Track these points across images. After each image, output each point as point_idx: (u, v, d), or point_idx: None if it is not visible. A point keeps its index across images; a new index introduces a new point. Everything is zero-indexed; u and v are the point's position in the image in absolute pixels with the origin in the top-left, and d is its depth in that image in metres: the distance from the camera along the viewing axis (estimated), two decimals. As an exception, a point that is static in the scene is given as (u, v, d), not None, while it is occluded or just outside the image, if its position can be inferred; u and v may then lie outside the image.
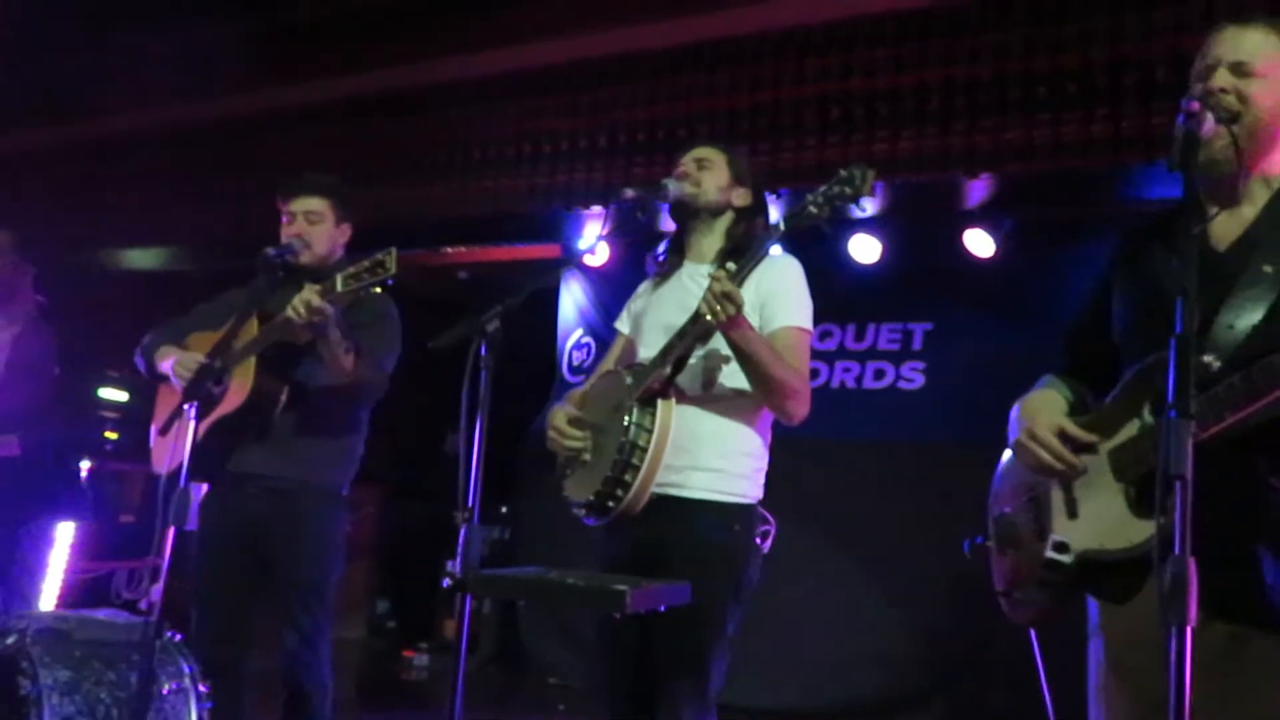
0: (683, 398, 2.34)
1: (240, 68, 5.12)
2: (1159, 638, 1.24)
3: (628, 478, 2.26)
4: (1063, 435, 1.71)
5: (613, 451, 2.28)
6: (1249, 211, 1.68)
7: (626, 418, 2.28)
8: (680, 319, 2.32)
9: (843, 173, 2.17)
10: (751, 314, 2.28)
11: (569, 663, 5.22)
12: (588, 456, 2.39)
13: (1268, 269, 1.59)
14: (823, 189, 2.17)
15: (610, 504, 2.29)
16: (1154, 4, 3.60)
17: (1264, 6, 1.82)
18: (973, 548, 1.98)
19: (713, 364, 2.35)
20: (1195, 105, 1.55)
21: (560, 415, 2.47)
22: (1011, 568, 1.87)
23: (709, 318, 2.15)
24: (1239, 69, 1.65)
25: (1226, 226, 1.69)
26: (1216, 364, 1.54)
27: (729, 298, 2.12)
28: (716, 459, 2.34)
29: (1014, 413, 1.82)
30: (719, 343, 2.30)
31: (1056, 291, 4.37)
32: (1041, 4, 3.84)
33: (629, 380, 2.36)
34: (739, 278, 2.16)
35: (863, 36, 4.16)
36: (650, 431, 2.26)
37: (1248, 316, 1.57)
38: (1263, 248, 1.63)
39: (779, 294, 2.38)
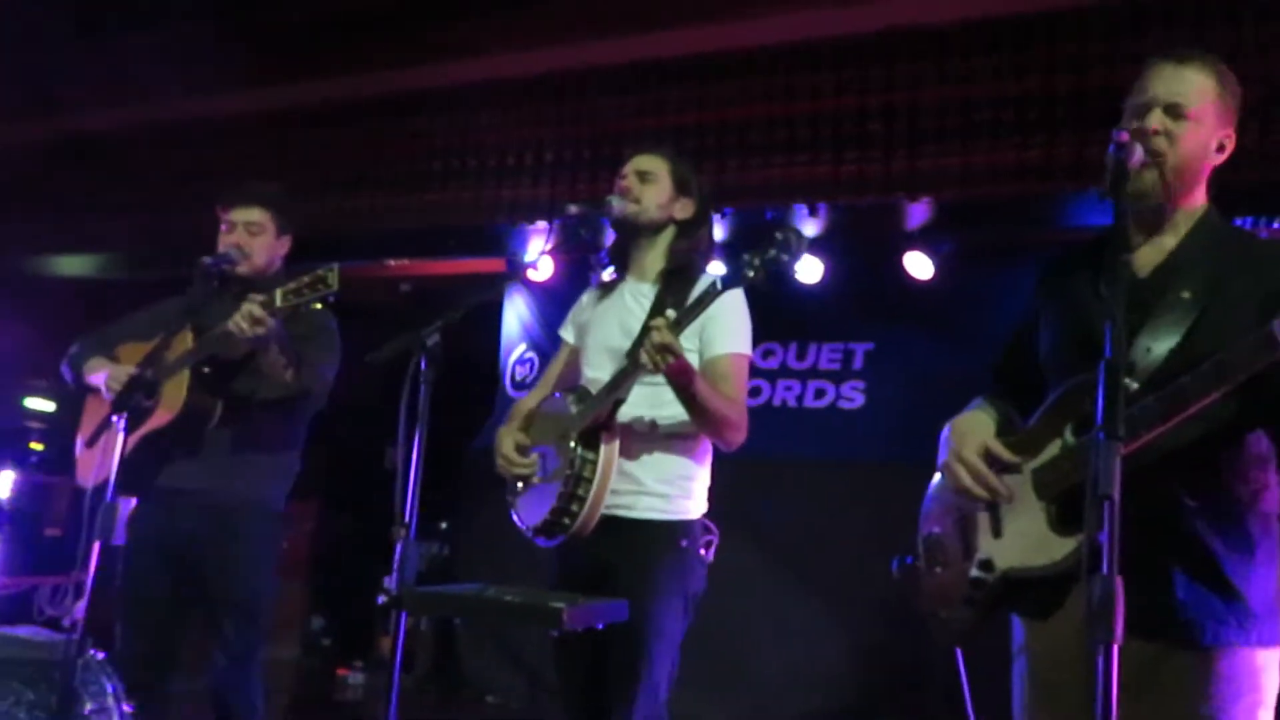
0: (626, 430, 2.41)
1: (179, 74, 5.03)
2: (1085, 656, 1.26)
3: (574, 507, 2.34)
4: (989, 455, 1.76)
5: (560, 480, 2.36)
6: (1170, 240, 1.75)
7: (573, 448, 2.35)
8: (622, 341, 2.41)
9: (777, 236, 2.21)
10: (692, 337, 2.34)
11: (507, 681, 5.18)
12: (536, 480, 2.46)
13: (1186, 295, 1.65)
14: (758, 253, 2.21)
15: (558, 530, 2.37)
16: (1088, 37, 3.71)
17: (1188, 42, 1.87)
18: (901, 567, 2.02)
19: (654, 396, 2.41)
20: (1125, 136, 1.60)
21: (508, 441, 2.52)
22: (939, 587, 1.90)
23: (648, 365, 2.20)
24: (1173, 110, 1.70)
25: (1149, 254, 1.75)
26: (1134, 386, 1.59)
27: (668, 349, 2.16)
28: (660, 485, 2.42)
29: (944, 434, 1.87)
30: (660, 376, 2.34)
31: (993, 314, 4.44)
32: (979, 35, 3.92)
33: (574, 409, 2.42)
34: (678, 328, 2.20)
35: (807, 60, 4.22)
36: (595, 463, 2.34)
37: (1165, 341, 1.63)
38: (1182, 274, 1.69)
39: (718, 321, 2.41)
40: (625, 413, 2.40)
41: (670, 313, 2.25)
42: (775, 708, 4.54)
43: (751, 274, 2.21)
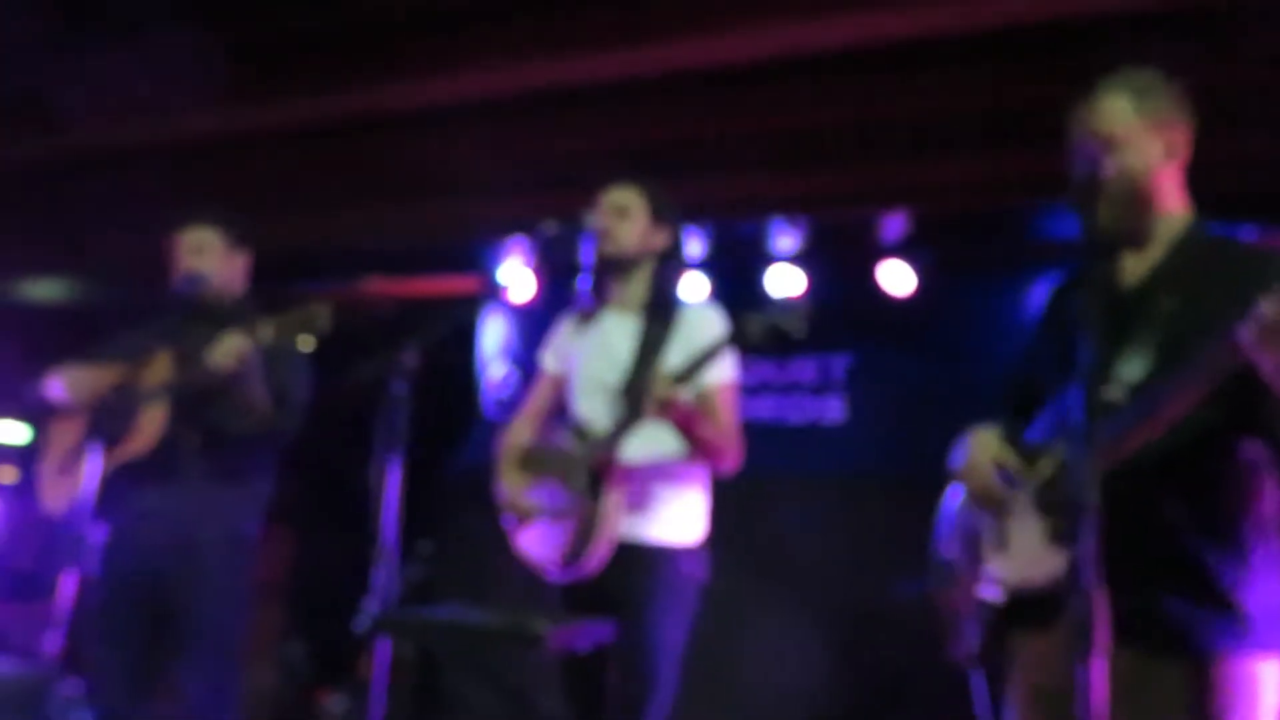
0: (629, 468, 2.46)
1: (154, 93, 4.99)
2: (1070, 667, 1.26)
3: (585, 550, 2.39)
4: (996, 468, 1.79)
5: (568, 521, 2.42)
6: (1155, 252, 1.77)
7: (580, 493, 2.41)
8: (609, 374, 2.50)
9: (780, 310, 2.36)
10: (679, 363, 2.40)
11: (489, 703, 5.13)
12: (544, 517, 2.51)
13: (1168, 306, 1.67)
14: (759, 317, 2.32)
15: (569, 568, 2.43)
16: (1061, 51, 3.74)
17: (1162, 55, 1.90)
18: (911, 591, 2.05)
19: (652, 431, 2.46)
20: (1080, 142, 1.63)
21: (510, 475, 2.58)
22: (951, 608, 1.91)
23: (652, 417, 2.29)
24: (1105, 142, 1.75)
25: (1135, 266, 1.78)
26: (1119, 397, 1.60)
27: (670, 404, 2.27)
28: (662, 513, 2.49)
29: (958, 446, 1.88)
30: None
31: (973, 325, 4.48)
32: (952, 49, 3.95)
33: (577, 450, 2.46)
34: (680, 384, 2.28)
35: (781, 75, 4.23)
36: (603, 508, 2.40)
37: (1147, 352, 1.64)
38: (1165, 286, 1.71)
39: (705, 350, 2.43)
40: (626, 452, 2.45)
41: (673, 365, 2.34)
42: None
43: (752, 336, 2.32)
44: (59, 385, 2.76)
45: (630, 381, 2.43)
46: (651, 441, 2.47)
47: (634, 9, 4.15)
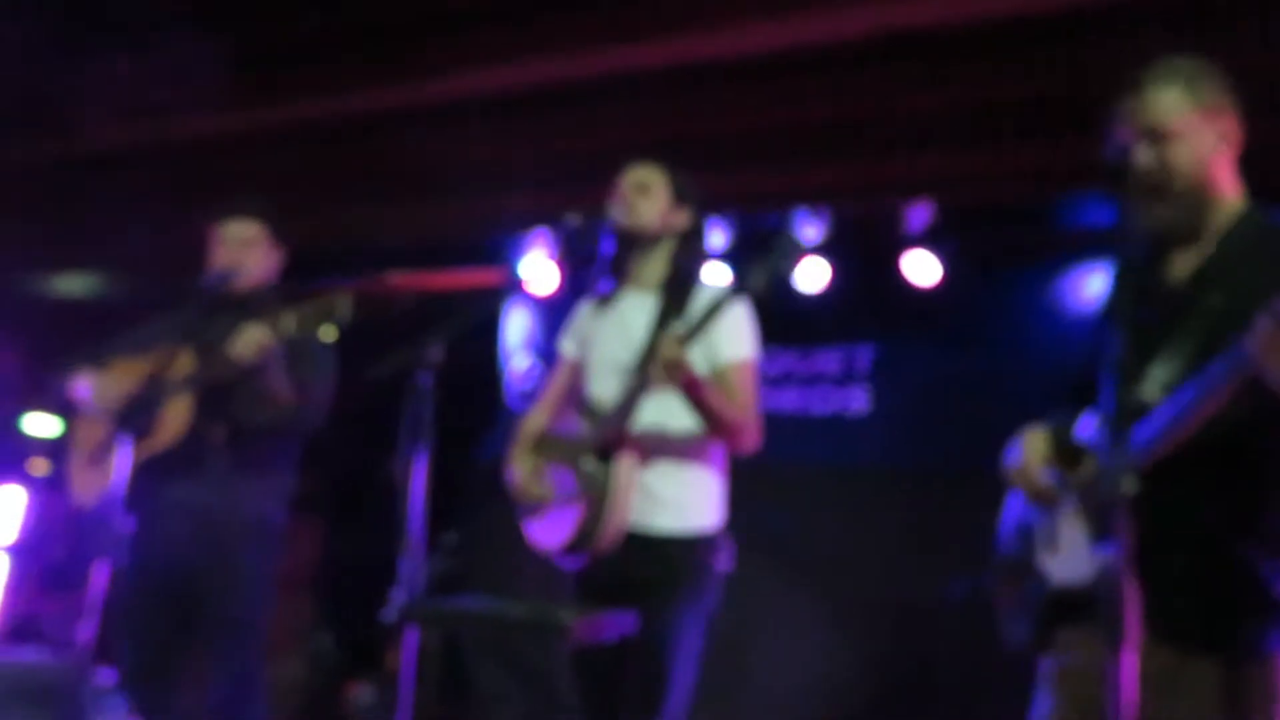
0: (640, 444, 2.40)
1: (176, 94, 5.03)
2: (1102, 662, 1.25)
3: (596, 530, 2.34)
4: (1046, 466, 1.77)
5: (578, 502, 2.37)
6: (1207, 246, 1.72)
7: (589, 469, 2.36)
8: (625, 354, 2.43)
9: (776, 243, 2.27)
10: (699, 347, 2.33)
11: (515, 692, 5.16)
12: (555, 502, 2.46)
13: (1216, 301, 1.63)
14: (761, 263, 2.25)
15: (582, 552, 2.38)
16: (1089, 40, 3.70)
17: (1192, 45, 1.86)
18: (966, 589, 2.05)
19: (665, 407, 2.40)
20: (1124, 135, 1.60)
21: (522, 461, 2.53)
22: (1005, 605, 1.90)
23: (659, 382, 2.22)
24: (1153, 135, 1.70)
25: (1186, 261, 1.73)
26: (1155, 397, 1.57)
27: (677, 365, 2.19)
28: (677, 496, 2.43)
29: (1011, 444, 1.86)
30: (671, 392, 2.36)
31: (998, 317, 4.45)
32: (976, 39, 3.91)
33: (587, 428, 2.43)
34: (687, 341, 2.22)
35: (803, 65, 4.21)
36: (613, 483, 2.34)
37: (1186, 350, 1.61)
38: (1215, 280, 1.67)
39: (725, 329, 2.41)
40: (637, 425, 2.39)
41: (679, 327, 2.26)
42: (781, 717, 4.52)
43: (757, 284, 2.24)
44: (85, 388, 2.79)
45: (644, 358, 2.35)
46: (665, 415, 2.41)
47: (655, 2, 4.15)
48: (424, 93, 4.94)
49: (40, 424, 5.71)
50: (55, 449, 5.62)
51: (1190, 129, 1.70)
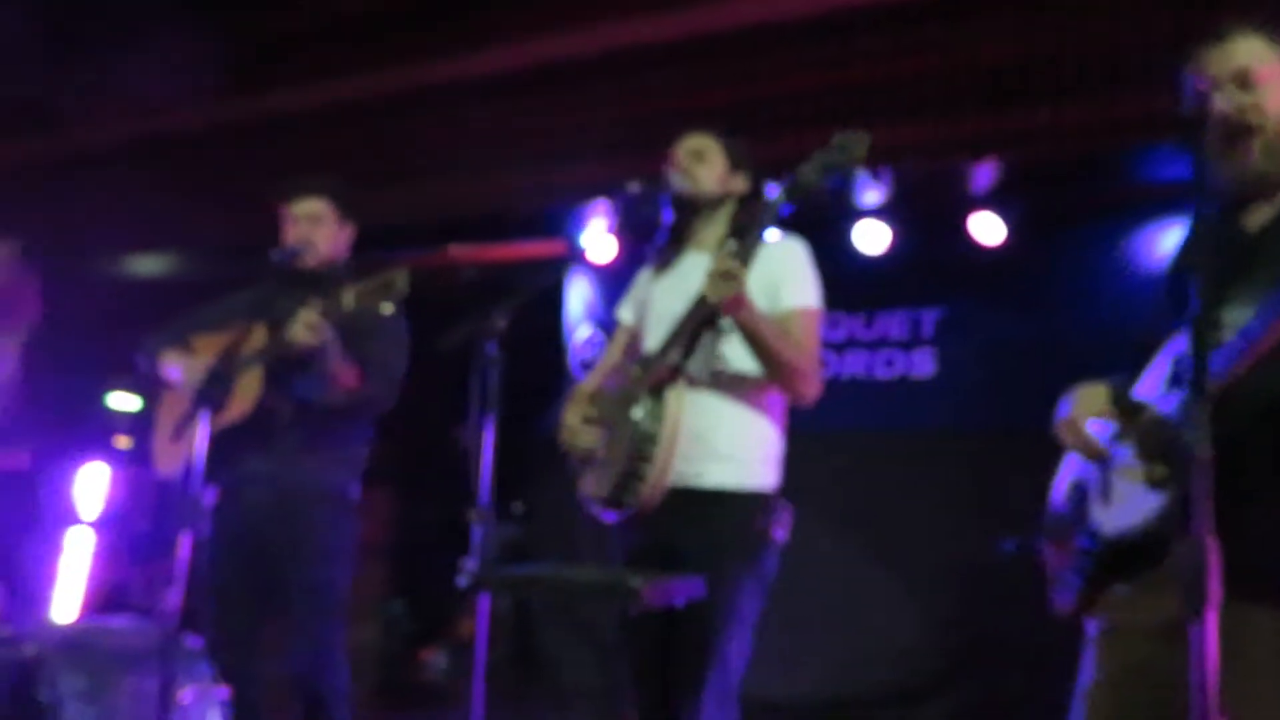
0: (692, 384, 2.29)
1: (231, 74, 5.12)
2: (1179, 622, 1.24)
3: (643, 471, 2.21)
4: (1100, 416, 1.74)
5: (626, 445, 2.25)
6: None
7: (637, 410, 2.25)
8: (680, 305, 2.31)
9: (837, 138, 2.18)
10: (759, 297, 2.26)
11: (585, 659, 5.23)
12: (602, 453, 2.36)
13: None
14: (817, 156, 2.18)
15: (627, 498, 2.25)
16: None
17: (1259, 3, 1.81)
18: (1019, 546, 2.02)
19: (721, 348, 2.33)
20: (1204, 84, 1.56)
21: (572, 413, 2.45)
22: (1056, 562, 1.89)
23: (711, 299, 2.13)
24: (1241, 79, 1.67)
25: (1262, 213, 1.70)
26: (1230, 339, 1.55)
27: (730, 275, 2.09)
28: (731, 446, 2.32)
29: (1063, 400, 1.83)
30: (727, 327, 2.28)
31: (1064, 275, 4.37)
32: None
33: (637, 372, 2.35)
34: (741, 256, 2.14)
35: (863, 25, 4.14)
36: (661, 421, 2.22)
37: (1260, 295, 1.58)
38: None
39: (785, 275, 2.38)
40: (689, 369, 2.30)
41: (732, 243, 2.20)
42: (848, 683, 4.51)
43: (813, 177, 2.17)
44: (176, 370, 2.87)
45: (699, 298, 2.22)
46: (718, 358, 2.31)
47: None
48: (484, 65, 4.96)
49: (123, 401, 5.90)
50: (137, 424, 5.81)
51: (1275, 77, 1.67)
